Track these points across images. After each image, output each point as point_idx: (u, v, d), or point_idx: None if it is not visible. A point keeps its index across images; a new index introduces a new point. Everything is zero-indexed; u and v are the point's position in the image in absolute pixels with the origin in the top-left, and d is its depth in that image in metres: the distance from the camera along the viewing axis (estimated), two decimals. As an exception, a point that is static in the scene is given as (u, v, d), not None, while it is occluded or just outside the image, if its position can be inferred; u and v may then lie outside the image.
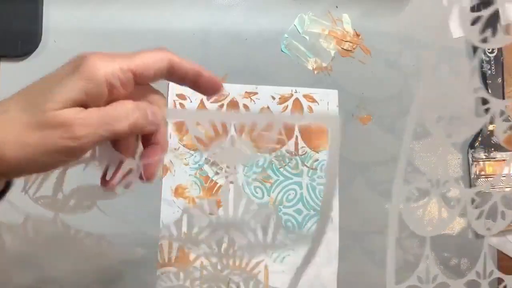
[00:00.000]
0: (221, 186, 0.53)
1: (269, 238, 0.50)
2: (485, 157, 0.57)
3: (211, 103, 0.55)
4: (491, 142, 0.57)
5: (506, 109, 0.55)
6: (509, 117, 0.54)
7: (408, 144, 0.37)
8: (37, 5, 0.53)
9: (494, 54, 0.58)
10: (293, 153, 0.55)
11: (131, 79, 0.30)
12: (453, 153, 0.58)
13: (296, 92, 0.56)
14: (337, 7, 0.59)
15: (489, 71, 0.57)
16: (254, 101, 0.56)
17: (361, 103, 0.57)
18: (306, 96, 0.56)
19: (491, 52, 0.57)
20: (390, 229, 0.35)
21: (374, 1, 0.59)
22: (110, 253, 0.51)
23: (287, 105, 0.56)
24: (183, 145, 0.54)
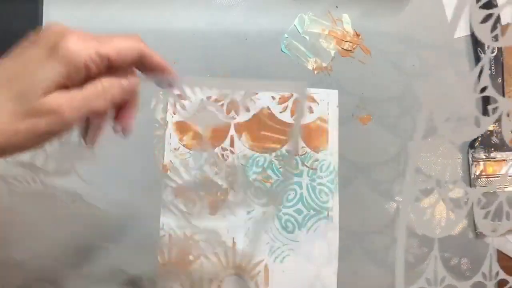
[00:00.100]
0: (221, 186, 0.53)
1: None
2: (485, 157, 0.57)
3: (211, 102, 0.55)
4: (491, 142, 0.57)
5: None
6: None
7: (418, 145, 0.37)
8: (37, 5, 0.53)
9: (494, 54, 0.58)
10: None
11: (106, 63, 0.31)
12: (452, 153, 0.58)
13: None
14: (337, 7, 0.59)
15: (489, 71, 0.57)
16: (254, 101, 0.56)
17: (361, 103, 0.57)
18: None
19: (491, 52, 0.57)
20: (399, 232, 0.35)
21: (374, 1, 0.59)
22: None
23: (287, 105, 0.56)
24: (183, 145, 0.54)
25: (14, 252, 0.49)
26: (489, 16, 0.35)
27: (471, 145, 0.57)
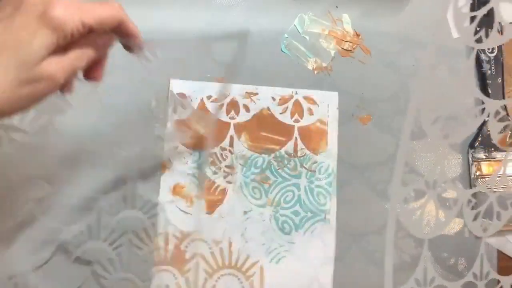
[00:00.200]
0: (219, 186, 0.54)
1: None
2: (485, 157, 0.57)
3: (212, 102, 0.55)
4: (491, 142, 0.57)
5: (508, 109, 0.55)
6: (507, 116, 0.55)
7: (405, 146, 0.37)
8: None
9: (494, 54, 0.58)
10: (292, 154, 0.55)
11: (87, 31, 0.35)
12: (453, 153, 0.58)
13: (296, 93, 0.56)
14: (337, 7, 0.59)
15: (489, 71, 0.57)
16: (254, 102, 0.56)
17: (361, 103, 0.57)
18: (306, 98, 0.56)
19: (491, 52, 0.57)
20: (388, 232, 0.35)
21: (374, 1, 0.59)
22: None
23: (287, 106, 0.56)
24: (182, 144, 0.54)
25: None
26: (474, 18, 0.35)
27: (471, 145, 0.57)
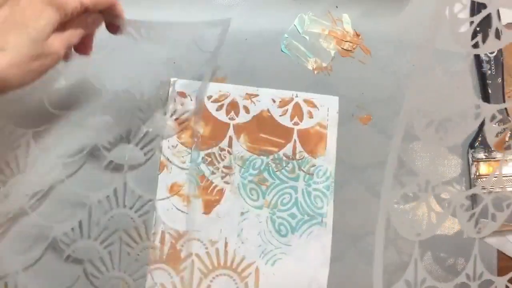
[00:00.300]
0: (216, 186, 0.54)
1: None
2: (485, 157, 0.57)
3: (212, 102, 0.55)
4: (491, 142, 0.57)
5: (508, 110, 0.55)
6: (507, 117, 0.55)
7: (397, 149, 0.37)
8: None
9: (494, 54, 0.57)
10: (291, 157, 0.55)
11: (84, 10, 0.40)
12: (453, 153, 0.57)
13: (296, 96, 0.56)
14: (337, 7, 0.59)
15: (489, 71, 0.57)
16: (254, 103, 0.56)
17: (361, 103, 0.57)
18: (306, 101, 0.56)
19: (491, 52, 0.57)
20: (377, 234, 0.35)
21: (374, 1, 0.59)
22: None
23: (287, 108, 0.56)
24: (181, 142, 0.54)
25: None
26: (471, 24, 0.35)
27: (471, 145, 0.57)
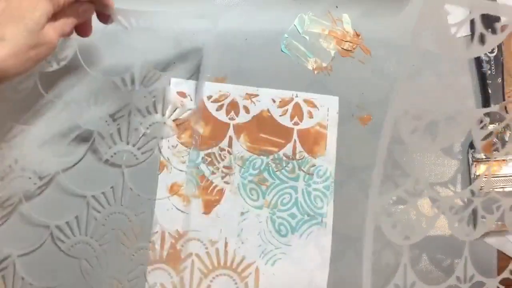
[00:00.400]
0: (216, 186, 0.54)
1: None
2: (485, 157, 0.57)
3: (212, 102, 0.55)
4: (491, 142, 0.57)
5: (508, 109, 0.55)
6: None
7: (384, 153, 0.37)
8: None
9: (494, 54, 0.57)
10: (291, 157, 0.55)
11: (74, 1, 0.42)
12: (453, 153, 0.57)
13: (296, 96, 0.56)
14: (337, 7, 0.59)
15: (489, 71, 0.57)
16: (254, 103, 0.56)
17: (361, 103, 0.57)
18: (306, 101, 0.56)
19: (491, 52, 0.57)
20: (366, 237, 0.35)
21: (374, 1, 0.59)
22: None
23: (287, 108, 0.56)
24: (181, 143, 0.54)
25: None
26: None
27: (471, 145, 0.57)
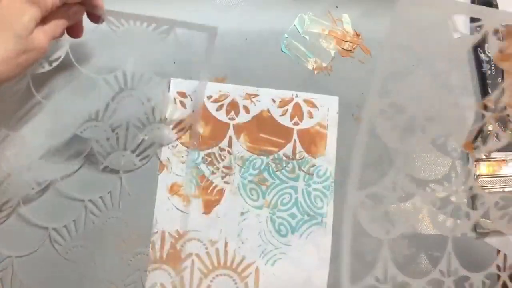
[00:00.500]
0: (216, 186, 0.54)
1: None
2: (485, 157, 0.57)
3: (212, 102, 0.55)
4: (491, 142, 0.56)
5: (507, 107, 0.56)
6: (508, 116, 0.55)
7: (360, 151, 0.37)
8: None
9: (494, 54, 0.57)
10: (291, 157, 0.55)
11: (62, 3, 0.41)
12: (453, 153, 0.57)
13: (296, 96, 0.57)
14: (337, 7, 0.59)
15: (489, 71, 0.57)
16: (254, 103, 0.56)
17: (361, 103, 0.57)
18: (306, 101, 0.56)
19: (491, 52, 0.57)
20: (345, 229, 0.35)
21: (374, 1, 0.59)
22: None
23: (287, 108, 0.56)
24: (181, 142, 0.54)
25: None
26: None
27: (471, 145, 0.57)
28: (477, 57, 0.58)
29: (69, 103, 0.53)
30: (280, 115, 0.56)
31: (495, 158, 0.57)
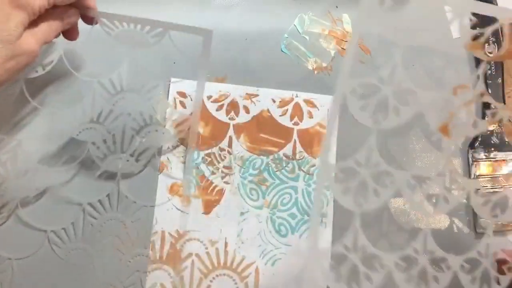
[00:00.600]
0: (216, 186, 0.54)
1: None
2: (485, 157, 0.57)
3: (212, 102, 0.55)
4: (491, 142, 0.57)
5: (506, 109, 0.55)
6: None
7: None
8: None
9: (494, 55, 0.57)
10: (291, 157, 0.55)
11: (52, 6, 0.41)
12: (453, 153, 0.57)
13: (296, 96, 0.57)
14: (337, 7, 0.59)
15: (489, 71, 0.57)
16: (254, 103, 0.56)
17: (361, 103, 0.57)
18: (306, 101, 0.56)
19: (491, 53, 0.57)
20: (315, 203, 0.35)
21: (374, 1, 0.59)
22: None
23: (287, 108, 0.56)
24: (181, 143, 0.54)
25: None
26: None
27: (471, 145, 0.57)
28: (477, 57, 0.58)
29: (65, 107, 0.53)
30: (280, 115, 0.56)
31: (495, 158, 0.57)
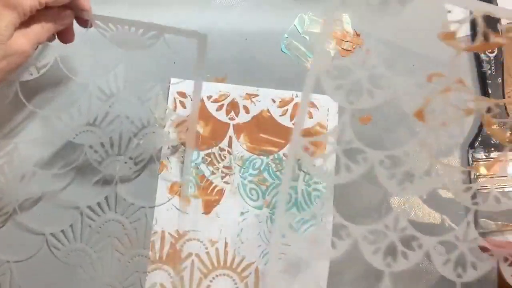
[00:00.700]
0: (216, 186, 0.54)
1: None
2: (485, 157, 0.57)
3: (212, 102, 0.55)
4: (491, 142, 0.56)
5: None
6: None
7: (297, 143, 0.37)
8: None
9: (494, 54, 0.57)
10: (291, 157, 0.55)
11: (43, 6, 0.40)
12: (453, 153, 0.57)
13: (297, 96, 0.56)
14: (337, 8, 0.59)
15: (489, 71, 0.57)
16: (254, 103, 0.56)
17: (361, 103, 0.57)
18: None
19: (491, 52, 0.57)
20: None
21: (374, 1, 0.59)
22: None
23: (287, 109, 0.56)
24: (181, 143, 0.54)
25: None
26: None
27: (471, 145, 0.57)
28: (477, 57, 0.58)
29: (61, 110, 0.53)
30: (280, 115, 0.56)
31: (495, 158, 0.57)
